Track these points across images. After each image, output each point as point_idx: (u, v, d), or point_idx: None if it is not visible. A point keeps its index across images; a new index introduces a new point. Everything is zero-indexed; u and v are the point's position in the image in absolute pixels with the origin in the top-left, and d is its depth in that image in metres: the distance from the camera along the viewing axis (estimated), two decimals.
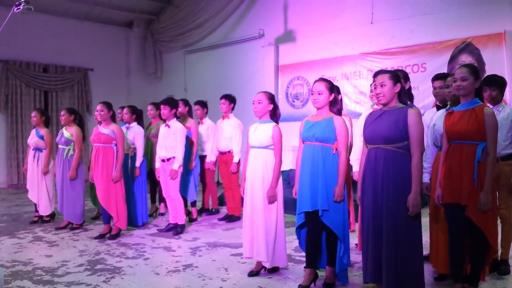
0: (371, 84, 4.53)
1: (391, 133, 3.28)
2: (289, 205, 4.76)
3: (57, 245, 5.55)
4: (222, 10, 11.29)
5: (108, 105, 5.87)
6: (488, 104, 4.16)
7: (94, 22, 12.55)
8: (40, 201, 6.72)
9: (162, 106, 5.95)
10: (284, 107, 10.01)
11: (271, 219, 4.16)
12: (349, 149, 4.50)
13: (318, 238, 3.84)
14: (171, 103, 6.02)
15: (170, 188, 5.95)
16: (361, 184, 3.52)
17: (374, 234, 3.33)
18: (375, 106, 4.37)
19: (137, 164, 6.35)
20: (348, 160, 4.51)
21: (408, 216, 3.23)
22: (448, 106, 4.01)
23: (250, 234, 4.24)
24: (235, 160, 6.55)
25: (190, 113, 6.93)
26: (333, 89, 3.90)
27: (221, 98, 6.78)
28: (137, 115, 6.66)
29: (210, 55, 11.98)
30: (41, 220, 6.84)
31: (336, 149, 3.76)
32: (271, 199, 4.14)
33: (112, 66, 13.00)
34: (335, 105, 3.90)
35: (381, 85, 3.37)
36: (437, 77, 4.45)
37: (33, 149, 6.76)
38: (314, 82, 3.92)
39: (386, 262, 3.25)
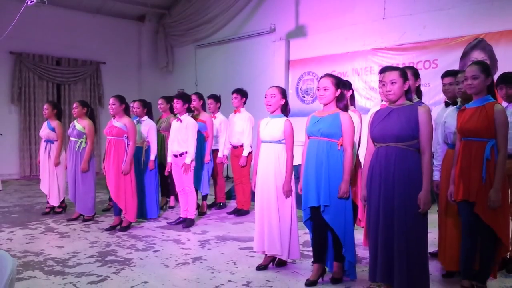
0: (379, 80, 4.51)
1: (403, 131, 3.26)
2: (300, 200, 4.78)
3: (69, 236, 5.62)
4: (234, 5, 11.28)
5: (120, 99, 5.90)
6: (503, 102, 4.14)
7: (107, 16, 12.63)
8: (51, 192, 6.81)
9: (175, 100, 5.98)
10: (294, 102, 10.02)
11: (285, 212, 4.18)
12: (357, 145, 4.50)
13: (324, 233, 3.85)
14: (184, 97, 6.04)
15: (184, 182, 5.98)
16: (367, 183, 3.49)
17: (385, 233, 3.31)
18: (383, 102, 4.35)
19: (152, 157, 6.41)
20: (357, 156, 4.52)
21: (418, 214, 3.23)
22: (459, 104, 4.00)
23: (260, 229, 4.27)
24: (245, 153, 6.57)
25: (204, 107, 6.96)
26: (340, 84, 3.89)
27: (232, 93, 6.80)
28: (148, 109, 6.72)
29: (221, 50, 12.00)
30: (53, 212, 6.93)
31: (342, 145, 3.77)
32: (288, 194, 4.16)
33: (124, 59, 13.09)
34: (342, 101, 3.89)
35: (392, 83, 3.35)
36: (447, 74, 4.45)
37: (44, 141, 6.85)
38: (320, 77, 3.91)
39: (398, 260, 3.25)
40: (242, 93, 6.78)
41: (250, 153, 6.60)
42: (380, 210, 3.34)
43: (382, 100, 4.52)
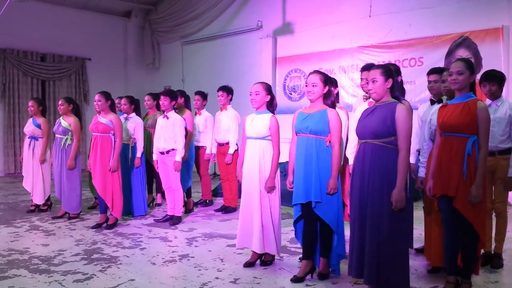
0: (361, 78, 4.54)
1: (379, 128, 3.29)
2: (286, 197, 4.79)
3: (54, 234, 5.57)
4: (221, 1, 11.25)
5: (106, 95, 5.86)
6: (487, 99, 4.21)
7: (92, 12, 12.50)
8: (35, 190, 6.74)
9: (162, 97, 5.95)
10: (281, 100, 10.01)
11: (267, 209, 4.19)
12: (345, 142, 4.53)
13: (314, 229, 3.87)
14: (172, 94, 6.02)
15: (171, 179, 5.96)
16: (351, 179, 3.54)
17: (360, 229, 3.34)
18: (370, 100, 4.39)
19: (138, 154, 6.38)
20: (345, 153, 4.55)
21: (392, 211, 3.22)
22: (444, 102, 4.04)
23: (243, 225, 4.28)
24: (230, 151, 6.57)
25: (186, 104, 6.93)
26: (328, 81, 3.92)
27: (218, 90, 6.77)
28: (135, 105, 6.68)
29: (208, 46, 11.96)
30: (38, 209, 6.86)
31: (330, 141, 3.79)
32: (271, 191, 4.17)
33: (109, 56, 12.97)
34: (329, 98, 3.92)
35: (373, 81, 3.37)
36: (433, 71, 4.49)
37: (28, 138, 6.77)
38: (309, 74, 3.94)
39: (369, 257, 3.25)
40: (228, 90, 6.76)
41: (236, 150, 6.60)
42: (357, 206, 3.38)
43: (369, 97, 4.54)
